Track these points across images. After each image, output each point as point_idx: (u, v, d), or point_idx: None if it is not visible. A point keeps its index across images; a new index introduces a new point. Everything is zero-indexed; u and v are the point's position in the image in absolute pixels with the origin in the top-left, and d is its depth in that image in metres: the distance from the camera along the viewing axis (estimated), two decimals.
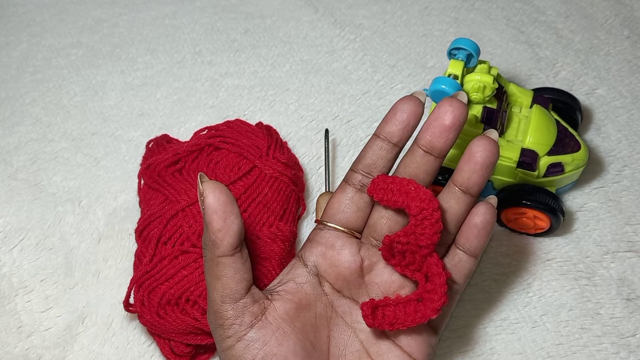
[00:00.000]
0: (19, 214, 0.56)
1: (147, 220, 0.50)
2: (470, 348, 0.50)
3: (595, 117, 0.61)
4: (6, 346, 0.50)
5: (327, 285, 0.43)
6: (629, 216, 0.55)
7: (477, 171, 0.41)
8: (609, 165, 0.58)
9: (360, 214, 0.43)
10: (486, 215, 0.42)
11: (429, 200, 0.40)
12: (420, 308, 0.40)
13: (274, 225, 0.51)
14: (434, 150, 0.41)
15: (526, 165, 0.51)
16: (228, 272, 0.40)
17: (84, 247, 0.55)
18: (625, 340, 0.50)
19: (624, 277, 0.53)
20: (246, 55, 0.66)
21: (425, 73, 0.64)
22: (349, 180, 0.43)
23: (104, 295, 0.52)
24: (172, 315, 0.47)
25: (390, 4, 0.70)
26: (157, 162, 0.53)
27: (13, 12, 0.70)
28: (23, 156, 0.60)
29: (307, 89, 0.64)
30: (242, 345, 0.40)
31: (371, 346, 0.42)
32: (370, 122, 0.61)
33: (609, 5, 0.69)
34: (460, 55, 0.51)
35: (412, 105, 0.41)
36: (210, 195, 0.39)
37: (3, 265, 0.54)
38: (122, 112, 0.63)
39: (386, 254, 0.41)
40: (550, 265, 0.53)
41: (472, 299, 0.52)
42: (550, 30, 0.67)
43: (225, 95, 0.63)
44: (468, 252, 0.42)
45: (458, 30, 0.67)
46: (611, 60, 0.65)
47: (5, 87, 0.64)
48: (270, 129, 0.56)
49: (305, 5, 0.70)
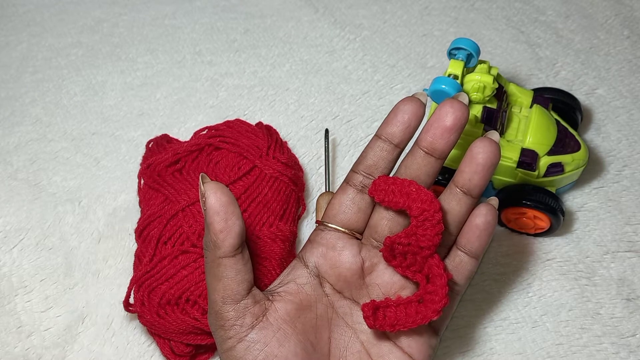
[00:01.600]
0: (19, 214, 0.56)
1: (147, 220, 0.50)
2: (470, 348, 0.50)
3: (595, 117, 0.61)
4: (6, 346, 0.50)
5: (328, 286, 0.43)
6: (629, 216, 0.55)
7: (479, 173, 0.41)
8: (609, 165, 0.58)
9: (361, 214, 0.43)
10: (487, 217, 0.42)
11: (430, 201, 0.40)
12: (421, 309, 0.40)
13: (274, 225, 0.51)
14: (435, 151, 0.41)
15: (526, 165, 0.51)
16: (229, 273, 0.40)
17: (84, 247, 0.54)
18: (625, 340, 0.50)
19: (624, 277, 0.53)
20: (246, 55, 0.66)
21: (425, 73, 0.64)
22: (350, 181, 0.43)
23: (104, 295, 0.52)
24: (172, 315, 0.47)
25: (390, 4, 0.70)
26: (157, 162, 0.53)
27: (13, 12, 0.70)
28: (23, 156, 0.60)
29: (307, 89, 0.64)
30: (243, 346, 0.40)
31: (372, 347, 0.42)
32: (370, 122, 0.61)
33: (609, 5, 0.69)
34: (460, 55, 0.51)
35: (413, 106, 0.41)
36: (211, 196, 0.39)
37: (3, 265, 0.54)
38: (122, 112, 0.62)
39: (387, 255, 0.41)
40: (550, 265, 0.53)
41: (472, 299, 0.52)
42: (550, 30, 0.67)
43: (225, 95, 0.63)
44: (469, 253, 0.42)
45: (458, 30, 0.67)
46: (611, 60, 0.65)
47: (5, 87, 0.64)
48: (270, 129, 0.56)
49: (305, 5, 0.70)
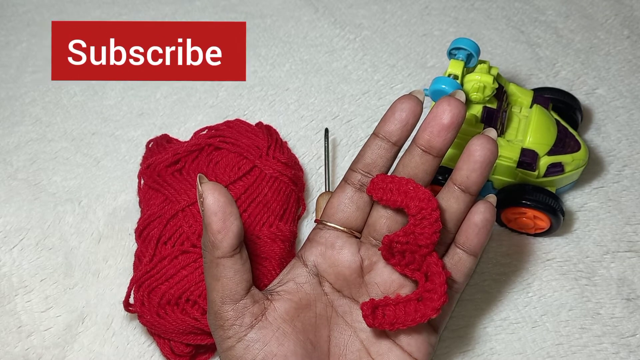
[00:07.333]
0: (19, 214, 0.56)
1: (147, 220, 0.50)
2: (470, 348, 0.50)
3: (595, 117, 0.61)
4: (6, 346, 0.50)
5: (327, 285, 0.43)
6: (629, 216, 0.55)
7: (476, 170, 0.41)
8: (609, 165, 0.58)
9: (359, 213, 0.43)
10: (486, 214, 0.42)
11: (428, 199, 0.40)
12: (421, 307, 0.40)
13: (274, 225, 0.50)
14: (433, 149, 0.41)
15: (526, 165, 0.51)
16: (228, 273, 0.40)
17: (84, 247, 0.54)
18: (625, 340, 0.50)
19: (624, 277, 0.53)
20: (246, 55, 0.66)
21: (425, 73, 0.64)
22: (349, 179, 0.43)
23: (104, 295, 0.52)
24: (172, 315, 0.47)
25: (390, 4, 0.70)
26: (157, 162, 0.53)
27: (13, 12, 0.70)
28: (23, 156, 0.60)
29: (307, 89, 0.64)
30: (243, 345, 0.40)
31: (371, 346, 0.42)
32: (370, 122, 0.61)
33: (609, 5, 0.69)
34: (460, 55, 0.51)
35: (410, 104, 0.41)
36: (209, 196, 0.39)
37: (3, 265, 0.54)
38: (122, 112, 0.62)
39: (386, 253, 0.41)
40: (550, 265, 0.53)
41: (472, 299, 0.52)
42: (550, 30, 0.67)
43: (225, 95, 0.63)
44: (468, 251, 0.42)
45: (458, 30, 0.67)
46: (611, 60, 0.65)
47: (5, 87, 0.64)
48: (270, 129, 0.56)
49: (305, 5, 0.70)
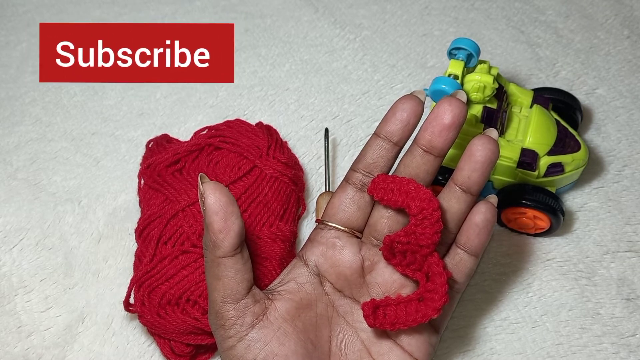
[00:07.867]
0: (19, 214, 0.56)
1: (147, 220, 0.50)
2: (470, 348, 0.50)
3: (595, 117, 0.61)
4: (6, 346, 0.50)
5: (328, 284, 0.43)
6: (629, 216, 0.55)
7: (478, 170, 0.41)
8: (609, 165, 0.58)
9: (360, 213, 0.43)
10: (487, 214, 0.42)
11: (429, 199, 0.40)
12: (421, 307, 0.40)
13: (274, 225, 0.50)
14: (434, 149, 0.41)
15: (526, 165, 0.51)
16: (229, 273, 0.40)
17: (84, 247, 0.54)
18: (625, 340, 0.50)
19: (624, 277, 0.53)
20: (246, 55, 0.66)
21: (425, 73, 0.64)
22: (350, 179, 0.43)
23: (104, 295, 0.52)
24: (172, 315, 0.47)
25: (390, 4, 0.70)
26: (157, 162, 0.53)
27: (13, 12, 0.70)
28: (23, 156, 0.60)
29: (307, 89, 0.64)
30: (244, 345, 0.40)
31: (372, 346, 0.42)
32: (370, 122, 0.61)
33: (609, 5, 0.69)
34: (461, 55, 0.51)
35: (411, 104, 0.41)
36: (211, 196, 0.39)
37: (3, 265, 0.54)
38: (122, 112, 0.62)
39: (387, 253, 0.41)
40: (550, 265, 0.53)
41: (472, 299, 0.52)
42: (550, 30, 0.67)
43: (225, 95, 0.63)
44: (469, 251, 0.42)
45: (458, 30, 0.67)
46: (611, 60, 0.65)
47: (5, 87, 0.64)
48: (270, 129, 0.56)
49: (305, 5, 0.70)
